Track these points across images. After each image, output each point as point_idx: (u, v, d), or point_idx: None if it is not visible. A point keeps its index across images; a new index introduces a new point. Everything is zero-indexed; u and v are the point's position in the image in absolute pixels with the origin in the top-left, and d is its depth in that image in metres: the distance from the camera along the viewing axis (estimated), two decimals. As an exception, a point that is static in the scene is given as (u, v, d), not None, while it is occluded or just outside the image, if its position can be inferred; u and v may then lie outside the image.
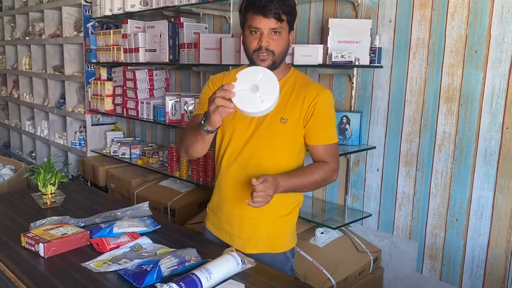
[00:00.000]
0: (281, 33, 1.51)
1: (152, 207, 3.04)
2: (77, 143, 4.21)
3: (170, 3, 2.95)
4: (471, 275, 2.20)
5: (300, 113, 1.57)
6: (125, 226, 1.66)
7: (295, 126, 1.58)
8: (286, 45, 1.55)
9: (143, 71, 3.51)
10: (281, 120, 1.57)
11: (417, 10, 2.25)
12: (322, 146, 1.61)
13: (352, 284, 2.30)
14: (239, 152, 1.62)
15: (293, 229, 1.75)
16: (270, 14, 1.47)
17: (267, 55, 1.51)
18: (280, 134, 1.58)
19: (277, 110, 1.49)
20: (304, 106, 1.57)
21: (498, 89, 2.04)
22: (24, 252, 1.54)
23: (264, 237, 1.67)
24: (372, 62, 2.37)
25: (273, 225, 1.67)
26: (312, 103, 1.56)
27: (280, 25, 1.50)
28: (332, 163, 1.61)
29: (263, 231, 1.67)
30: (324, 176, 1.60)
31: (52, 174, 2.02)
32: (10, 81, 5.53)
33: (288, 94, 1.59)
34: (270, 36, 1.50)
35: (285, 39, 1.54)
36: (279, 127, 1.57)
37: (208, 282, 1.28)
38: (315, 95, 1.57)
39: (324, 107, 1.58)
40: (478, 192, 2.14)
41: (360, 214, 2.55)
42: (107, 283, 1.35)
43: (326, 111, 1.59)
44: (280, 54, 1.54)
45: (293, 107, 1.57)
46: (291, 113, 1.57)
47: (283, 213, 1.67)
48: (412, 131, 2.34)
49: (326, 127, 1.60)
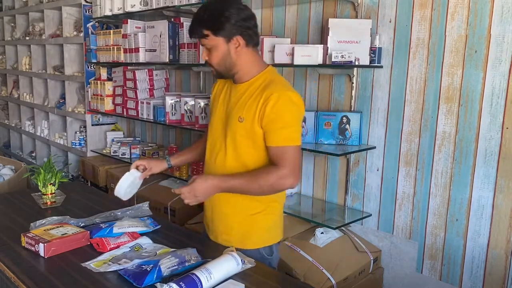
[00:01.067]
0: (212, 47, 1.59)
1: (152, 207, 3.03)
2: (77, 143, 4.21)
3: (170, 3, 2.95)
4: (471, 275, 2.20)
5: (255, 113, 1.57)
6: (125, 226, 1.66)
7: (251, 125, 1.58)
8: (223, 56, 1.60)
9: (143, 71, 3.51)
10: (239, 119, 1.61)
11: (417, 10, 2.25)
12: (273, 148, 1.57)
13: (352, 284, 2.30)
14: (211, 150, 1.73)
15: (269, 226, 1.73)
16: (193, 36, 1.62)
17: (211, 66, 1.65)
18: (238, 132, 1.62)
19: (237, 110, 1.61)
20: (259, 106, 1.57)
21: (498, 89, 2.04)
22: (24, 252, 1.55)
23: (235, 232, 1.69)
24: (372, 62, 2.37)
25: (244, 222, 1.68)
26: (265, 103, 1.55)
27: (205, 41, 1.59)
28: (283, 167, 1.53)
29: (234, 226, 1.70)
30: (271, 181, 1.53)
31: (52, 174, 2.03)
32: (10, 81, 5.53)
33: (250, 94, 1.62)
34: (205, 51, 1.63)
35: (221, 51, 1.59)
36: (237, 126, 1.62)
37: (208, 282, 1.28)
38: (269, 95, 1.55)
39: (277, 108, 1.54)
40: (478, 192, 2.14)
41: (360, 214, 2.55)
42: (107, 283, 1.35)
43: (278, 112, 1.54)
44: (219, 65, 1.62)
45: (250, 107, 1.59)
46: (248, 113, 1.59)
47: (256, 210, 1.67)
48: (412, 131, 2.34)
49: (278, 128, 1.55)
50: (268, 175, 1.53)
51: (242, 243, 1.67)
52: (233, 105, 1.65)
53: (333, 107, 2.63)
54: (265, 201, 1.67)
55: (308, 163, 2.78)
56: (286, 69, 2.81)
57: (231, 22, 1.55)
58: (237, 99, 1.64)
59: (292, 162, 1.55)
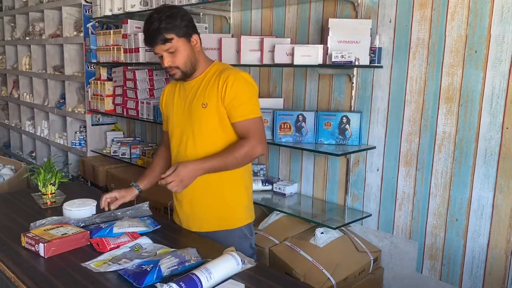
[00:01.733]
0: (177, 49, 1.68)
1: (152, 207, 3.03)
2: (77, 143, 4.21)
3: (170, 3, 2.94)
4: (471, 275, 2.20)
5: (217, 96, 1.70)
6: (125, 226, 1.66)
7: (216, 108, 1.71)
8: (188, 55, 1.71)
9: (143, 71, 3.51)
10: (202, 105, 1.72)
11: (417, 10, 2.25)
12: (240, 123, 1.71)
13: (352, 284, 2.30)
14: (178, 146, 1.81)
15: (245, 205, 1.86)
16: (155, 43, 1.67)
17: (175, 70, 1.72)
18: (203, 118, 1.72)
19: (199, 97, 1.73)
20: (219, 89, 1.70)
21: (498, 89, 2.04)
22: (24, 252, 1.55)
23: (218, 216, 1.80)
24: (372, 62, 2.37)
25: (225, 205, 1.80)
26: (224, 85, 1.69)
27: (170, 45, 1.67)
28: (252, 138, 1.69)
29: (216, 210, 1.80)
30: (245, 151, 1.67)
31: (52, 174, 2.03)
32: (10, 81, 5.53)
33: (207, 81, 1.75)
34: (168, 56, 1.69)
35: (185, 51, 1.70)
36: (202, 112, 1.73)
37: (208, 282, 1.28)
38: (226, 77, 1.70)
39: (235, 87, 1.68)
40: (478, 192, 2.14)
41: (360, 214, 2.55)
42: (107, 283, 1.35)
43: (236, 89, 1.68)
44: (185, 65, 1.72)
45: (211, 92, 1.72)
46: (210, 98, 1.71)
47: (232, 192, 1.81)
48: (412, 131, 2.34)
49: (240, 104, 1.69)
50: (242, 147, 1.68)
51: (226, 224, 1.80)
52: (191, 97, 1.77)
53: (333, 107, 2.63)
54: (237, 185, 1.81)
55: (308, 163, 2.78)
56: (286, 69, 2.81)
57: (187, 23, 1.70)
58: (195, 91, 1.77)
59: (258, 131, 1.72)
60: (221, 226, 1.80)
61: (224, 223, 1.81)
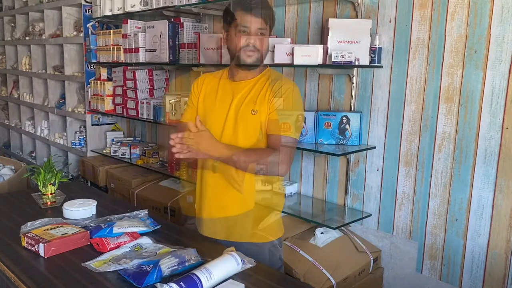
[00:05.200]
0: (265, 34, 1.68)
1: (152, 207, 3.05)
2: (77, 143, 4.21)
3: (170, 3, 2.95)
4: (471, 275, 2.20)
5: (267, 105, 1.68)
6: (125, 226, 1.66)
7: (264, 117, 1.69)
8: (268, 46, 1.73)
9: (143, 71, 3.51)
10: (252, 112, 1.69)
11: (417, 10, 2.25)
12: (276, 136, 1.68)
13: (352, 284, 2.30)
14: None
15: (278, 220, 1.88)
16: (258, 14, 1.63)
17: (254, 51, 1.66)
18: (251, 125, 1.69)
19: (249, 103, 1.69)
20: (269, 99, 1.68)
21: (498, 89, 2.04)
22: (24, 252, 1.54)
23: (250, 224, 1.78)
24: (372, 62, 2.37)
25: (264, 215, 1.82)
26: (275, 94, 1.67)
27: (265, 27, 1.67)
28: (282, 154, 1.65)
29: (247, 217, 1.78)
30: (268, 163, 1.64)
31: (52, 174, 2.03)
32: (10, 81, 5.53)
33: (259, 88, 1.71)
34: (258, 38, 1.65)
35: (268, 41, 1.72)
36: (250, 119, 1.69)
37: (208, 282, 1.28)
38: (278, 87, 1.68)
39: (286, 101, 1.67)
40: (478, 192, 2.14)
41: (360, 214, 2.55)
42: (107, 283, 1.35)
43: (287, 104, 1.67)
44: (264, 53, 1.70)
45: (262, 100, 1.69)
46: (260, 106, 1.69)
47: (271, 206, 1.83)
48: (412, 131, 2.34)
49: (284, 120, 1.67)
50: (269, 153, 1.65)
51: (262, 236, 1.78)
52: (240, 99, 1.71)
53: (333, 107, 2.63)
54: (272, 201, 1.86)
55: (308, 163, 2.78)
56: (286, 69, 2.80)
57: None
58: (245, 94, 1.72)
59: (289, 153, 1.68)
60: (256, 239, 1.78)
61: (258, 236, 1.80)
